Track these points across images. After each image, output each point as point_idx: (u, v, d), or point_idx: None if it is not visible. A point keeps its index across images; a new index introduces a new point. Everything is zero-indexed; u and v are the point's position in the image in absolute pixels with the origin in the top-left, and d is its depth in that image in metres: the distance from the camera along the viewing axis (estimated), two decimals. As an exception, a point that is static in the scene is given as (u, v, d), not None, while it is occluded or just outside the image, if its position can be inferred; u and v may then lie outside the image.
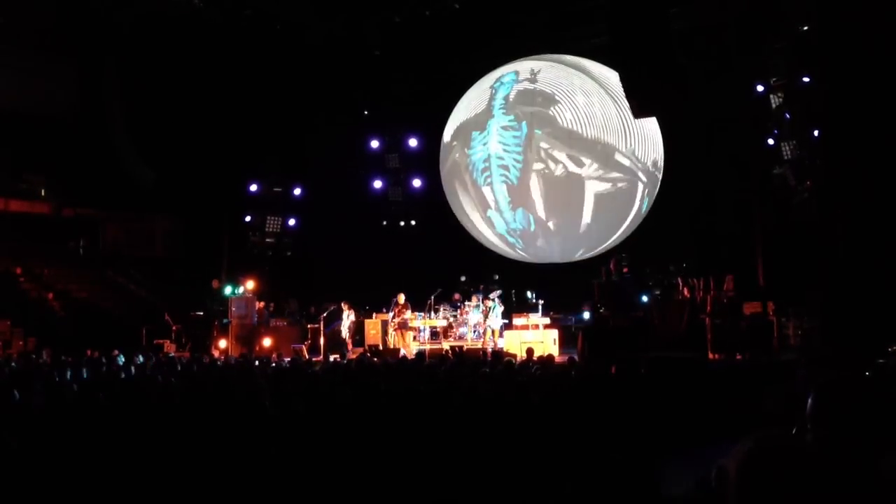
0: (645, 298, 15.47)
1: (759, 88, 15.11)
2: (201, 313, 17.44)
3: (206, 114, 18.45)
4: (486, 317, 15.87)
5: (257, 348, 16.19)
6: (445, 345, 15.83)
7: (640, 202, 17.53)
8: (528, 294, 17.06)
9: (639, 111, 14.53)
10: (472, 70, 18.69)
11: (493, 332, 15.82)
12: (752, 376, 9.06)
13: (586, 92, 17.60)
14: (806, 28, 13.81)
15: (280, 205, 20.09)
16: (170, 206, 21.26)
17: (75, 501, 4.29)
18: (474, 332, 16.23)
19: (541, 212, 17.90)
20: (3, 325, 16.39)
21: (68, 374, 8.51)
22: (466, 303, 16.68)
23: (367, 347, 16.07)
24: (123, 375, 8.55)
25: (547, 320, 15.84)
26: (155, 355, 13.46)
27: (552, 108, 17.70)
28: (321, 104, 18.92)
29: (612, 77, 16.85)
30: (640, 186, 17.46)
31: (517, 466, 4.33)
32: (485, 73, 18.63)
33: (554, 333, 15.49)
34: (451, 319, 16.70)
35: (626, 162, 17.37)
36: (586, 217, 17.68)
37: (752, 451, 1.66)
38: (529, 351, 11.75)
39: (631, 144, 17.35)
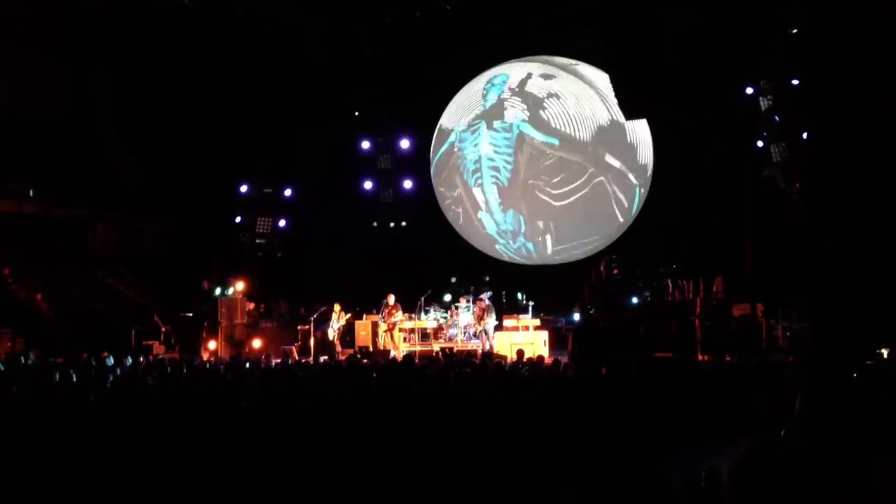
0: (635, 300, 15.50)
1: (749, 91, 15.18)
2: (191, 314, 17.36)
3: (196, 114, 18.37)
4: (480, 319, 15.82)
5: (247, 350, 16.14)
6: (436, 346, 15.81)
7: (631, 204, 17.58)
8: (519, 295, 17.06)
9: (629, 113, 14.60)
10: (464, 71, 18.71)
11: (487, 334, 15.78)
12: (741, 378, 9.09)
13: (577, 94, 17.65)
14: (795, 31, 13.89)
15: (270, 206, 20.02)
16: (160, 206, 21.14)
17: (64, 502, 4.27)
18: (464, 333, 16.22)
19: (531, 213, 17.94)
20: (-9, 326, 16.29)
21: (57, 375, 8.45)
22: (456, 304, 16.66)
23: (357, 349, 16.04)
24: (112, 377, 8.50)
25: (537, 322, 15.85)
26: (144, 357, 13.41)
27: (543, 111, 17.75)
28: (312, 105, 18.88)
29: (602, 79, 16.90)
30: (631, 189, 17.51)
31: (507, 466, 4.33)
32: (476, 74, 18.66)
33: (544, 335, 15.50)
34: (442, 321, 16.67)
35: (617, 164, 17.43)
36: (577, 219, 17.73)
37: (744, 456, 1.67)
38: (520, 352, 11.75)
39: (621, 147, 17.40)
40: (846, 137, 11.67)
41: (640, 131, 17.25)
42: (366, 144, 20.08)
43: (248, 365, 10.81)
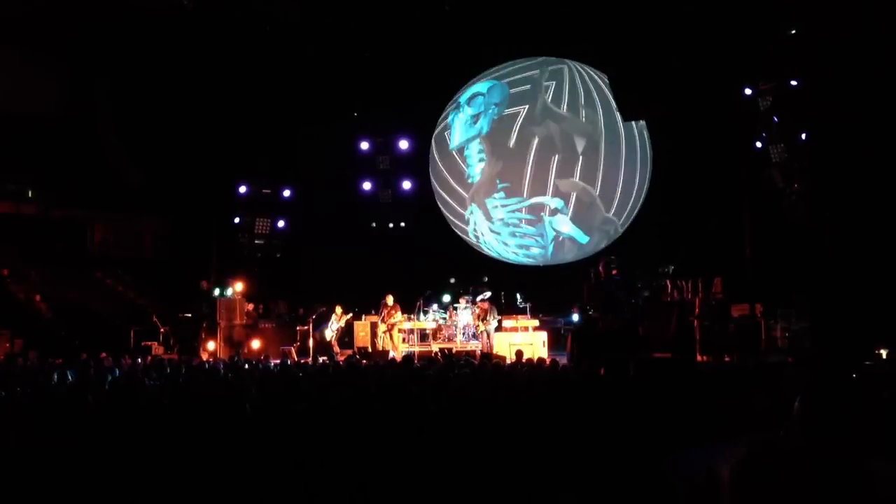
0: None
1: (748, 91, 15.17)
2: (190, 315, 17.35)
3: (195, 114, 18.37)
4: (482, 319, 15.80)
5: (246, 350, 16.13)
6: (435, 347, 15.79)
7: (629, 203, 17.59)
8: (518, 296, 17.05)
9: (628, 114, 14.59)
10: (462, 72, 18.70)
11: (488, 334, 15.78)
12: (740, 378, 9.08)
13: (577, 95, 17.66)
14: (794, 31, 13.88)
15: (269, 206, 20.01)
16: (159, 207, 21.15)
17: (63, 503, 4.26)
18: (463, 333, 16.20)
19: (532, 213, 17.95)
20: (-9, 326, 16.29)
21: (55, 376, 8.45)
22: (455, 305, 16.65)
23: (356, 349, 16.01)
24: (111, 378, 8.50)
25: (536, 322, 15.84)
26: (143, 357, 13.41)
27: (542, 111, 17.76)
28: (311, 105, 18.87)
29: (602, 80, 16.91)
30: (629, 189, 17.51)
31: (507, 467, 4.33)
32: (475, 74, 18.68)
33: (543, 336, 15.48)
34: (441, 321, 16.65)
35: (615, 163, 17.44)
36: (575, 219, 17.74)
37: (744, 456, 1.67)
38: (519, 353, 11.74)
39: (619, 148, 17.40)
40: (845, 138, 11.68)
41: (638, 131, 17.27)
42: (365, 145, 20.06)
43: (246, 366, 10.80)
